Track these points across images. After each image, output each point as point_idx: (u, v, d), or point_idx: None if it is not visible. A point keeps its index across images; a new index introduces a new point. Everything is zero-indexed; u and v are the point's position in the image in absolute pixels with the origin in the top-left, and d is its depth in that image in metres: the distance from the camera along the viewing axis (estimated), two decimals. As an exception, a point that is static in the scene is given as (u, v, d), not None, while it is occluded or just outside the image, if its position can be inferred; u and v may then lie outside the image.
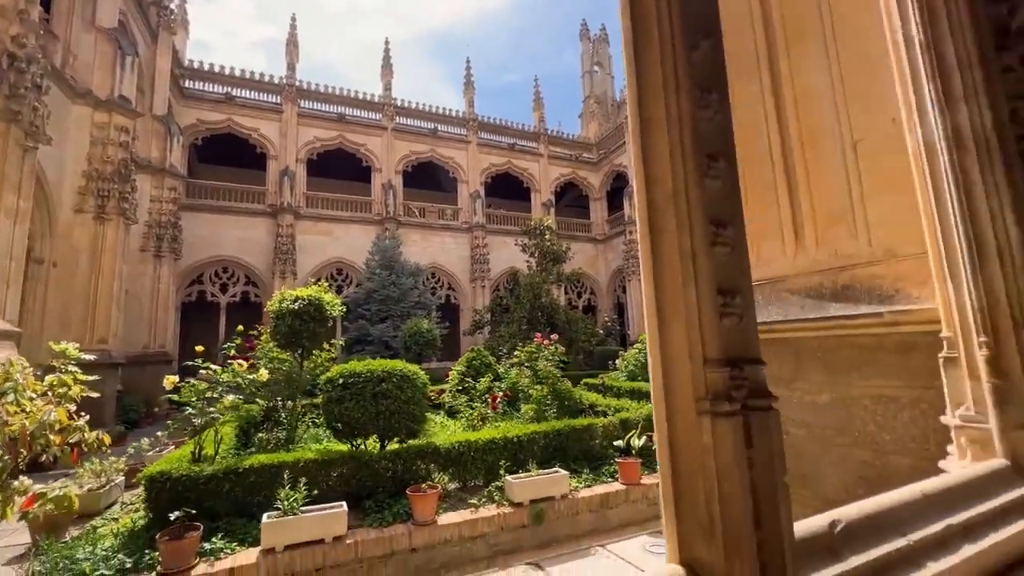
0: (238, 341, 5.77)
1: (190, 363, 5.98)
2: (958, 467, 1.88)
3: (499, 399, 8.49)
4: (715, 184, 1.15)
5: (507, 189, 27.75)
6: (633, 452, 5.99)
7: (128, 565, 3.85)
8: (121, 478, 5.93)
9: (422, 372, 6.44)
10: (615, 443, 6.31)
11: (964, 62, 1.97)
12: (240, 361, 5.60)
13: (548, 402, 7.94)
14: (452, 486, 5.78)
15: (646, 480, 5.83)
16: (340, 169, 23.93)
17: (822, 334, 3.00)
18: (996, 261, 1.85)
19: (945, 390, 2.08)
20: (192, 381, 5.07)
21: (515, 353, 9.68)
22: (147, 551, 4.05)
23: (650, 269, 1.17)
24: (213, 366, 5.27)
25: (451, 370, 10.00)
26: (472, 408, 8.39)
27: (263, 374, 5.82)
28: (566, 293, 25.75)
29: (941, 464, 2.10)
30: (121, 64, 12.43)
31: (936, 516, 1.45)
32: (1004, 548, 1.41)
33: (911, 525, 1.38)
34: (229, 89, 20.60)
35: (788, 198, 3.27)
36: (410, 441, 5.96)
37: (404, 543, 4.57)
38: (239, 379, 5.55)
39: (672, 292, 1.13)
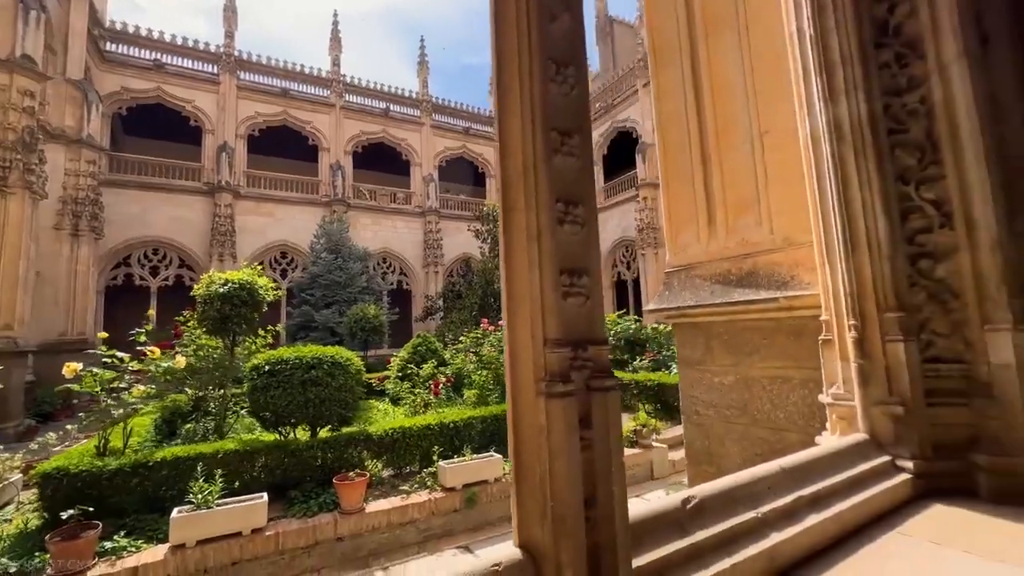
0: (149, 327, 5.35)
1: (102, 351, 5.53)
2: (828, 442, 2.00)
3: (441, 385, 8.42)
4: (568, 161, 1.12)
5: (462, 173, 27.39)
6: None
7: (13, 569, 3.54)
8: (18, 476, 5.45)
9: (357, 358, 6.27)
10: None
11: (847, 57, 2.05)
12: (152, 348, 5.22)
13: (491, 387, 7.96)
14: (386, 473, 5.70)
15: (580, 462, 5.96)
16: (285, 147, 22.75)
17: (728, 318, 3.12)
18: (865, 249, 1.95)
19: (823, 370, 2.20)
20: (94, 370, 4.67)
21: (460, 339, 9.62)
22: (38, 553, 3.74)
23: (503, 246, 1.13)
24: (119, 353, 4.88)
25: (394, 356, 9.83)
26: (414, 394, 8.28)
27: (180, 361, 5.46)
28: (520, 280, 25.83)
29: (817, 439, 2.23)
30: (24, 19, 11.14)
31: (789, 489, 1.52)
32: (848, 515, 1.51)
33: (763, 498, 1.44)
34: (159, 55, 18.98)
35: (704, 187, 3.36)
36: (343, 429, 5.81)
37: (329, 532, 4.46)
38: (153, 367, 5.18)
39: (519, 270, 1.09)
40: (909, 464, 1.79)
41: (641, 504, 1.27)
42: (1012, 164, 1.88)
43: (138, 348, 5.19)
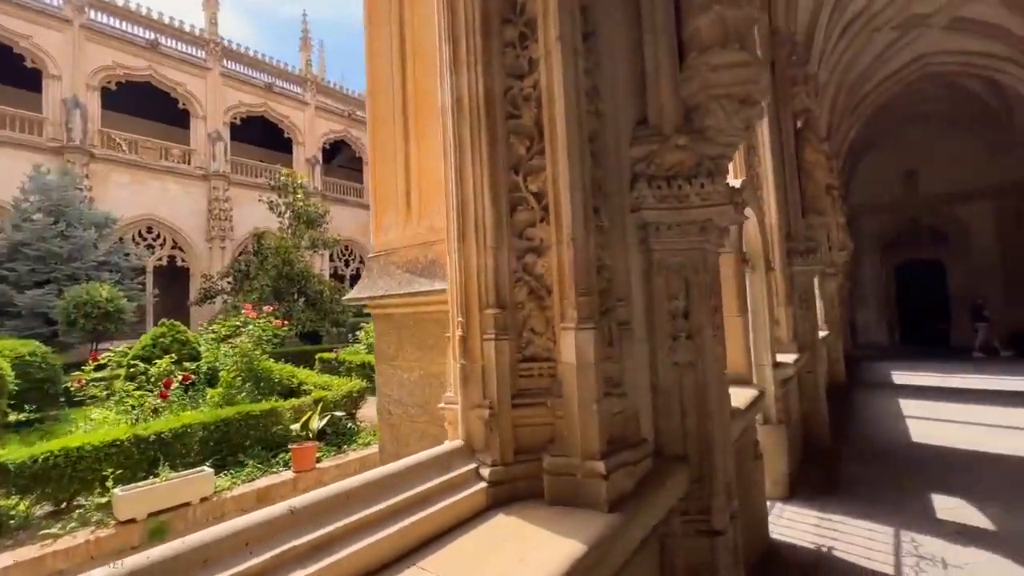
0: None
1: None
2: (426, 451, 1.81)
3: (176, 384, 6.90)
4: None
5: (264, 137, 23.78)
6: (311, 436, 5.48)
7: None
8: None
9: (3, 361, 4.59)
10: (291, 427, 5.68)
11: (471, 27, 1.85)
12: None
13: (238, 384, 6.81)
14: (40, 511, 4.28)
15: (325, 464, 5.40)
16: (-15, 66, 16.58)
17: (414, 310, 2.89)
18: (473, 239, 1.79)
19: (448, 370, 2.04)
20: None
21: (212, 328, 8.11)
22: None
23: None
24: None
25: (108, 352, 7.75)
26: (132, 396, 6.59)
27: None
28: (332, 261, 23.83)
29: (445, 443, 2.07)
30: None
31: (293, 535, 1.20)
32: (358, 558, 1.25)
33: (273, 541, 1.10)
34: None
35: (404, 166, 3.05)
36: (-33, 458, 4.17)
37: None
38: None
39: None
40: (488, 472, 1.67)
41: None
42: (600, 160, 1.91)
43: None
